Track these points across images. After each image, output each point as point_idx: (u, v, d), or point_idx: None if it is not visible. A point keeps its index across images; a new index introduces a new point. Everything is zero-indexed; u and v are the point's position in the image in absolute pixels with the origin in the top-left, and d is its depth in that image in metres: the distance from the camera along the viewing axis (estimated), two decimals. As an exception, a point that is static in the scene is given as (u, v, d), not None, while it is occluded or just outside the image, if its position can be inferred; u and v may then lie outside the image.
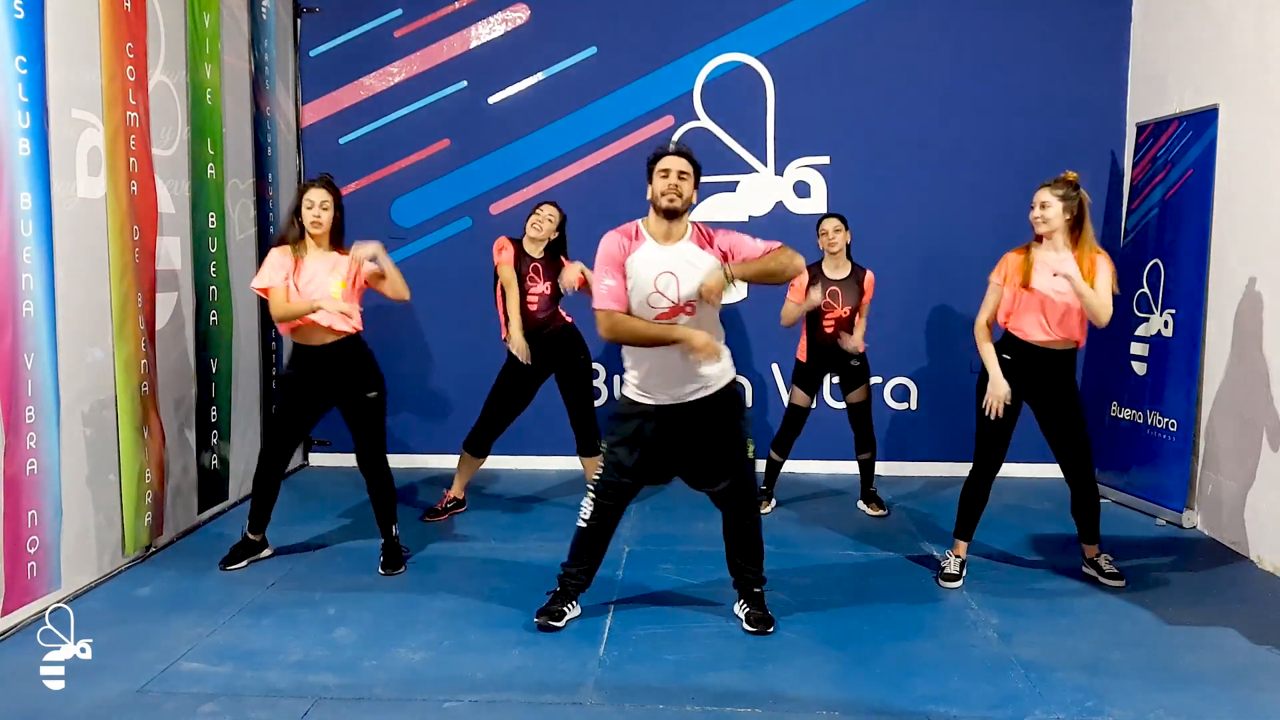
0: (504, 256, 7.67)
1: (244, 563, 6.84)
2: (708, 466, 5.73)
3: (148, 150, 6.89)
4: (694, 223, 5.62)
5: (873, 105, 9.22)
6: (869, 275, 7.84)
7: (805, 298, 7.67)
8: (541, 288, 7.68)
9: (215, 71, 7.86)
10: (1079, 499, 6.56)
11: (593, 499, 5.84)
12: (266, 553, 7.00)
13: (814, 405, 8.13)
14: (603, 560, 6.04)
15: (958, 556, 6.68)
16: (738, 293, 5.37)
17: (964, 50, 9.14)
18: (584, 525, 5.88)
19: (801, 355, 8.04)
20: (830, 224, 7.75)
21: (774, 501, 8.27)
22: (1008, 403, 6.34)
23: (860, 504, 8.26)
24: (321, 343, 6.56)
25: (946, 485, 8.91)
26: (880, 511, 8.13)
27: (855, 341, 7.75)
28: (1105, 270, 6.18)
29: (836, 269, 7.80)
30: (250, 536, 6.92)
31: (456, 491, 8.08)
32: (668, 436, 5.66)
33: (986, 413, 6.36)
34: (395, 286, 6.66)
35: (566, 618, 5.88)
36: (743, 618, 5.85)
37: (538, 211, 7.73)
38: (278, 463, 6.81)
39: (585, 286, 7.29)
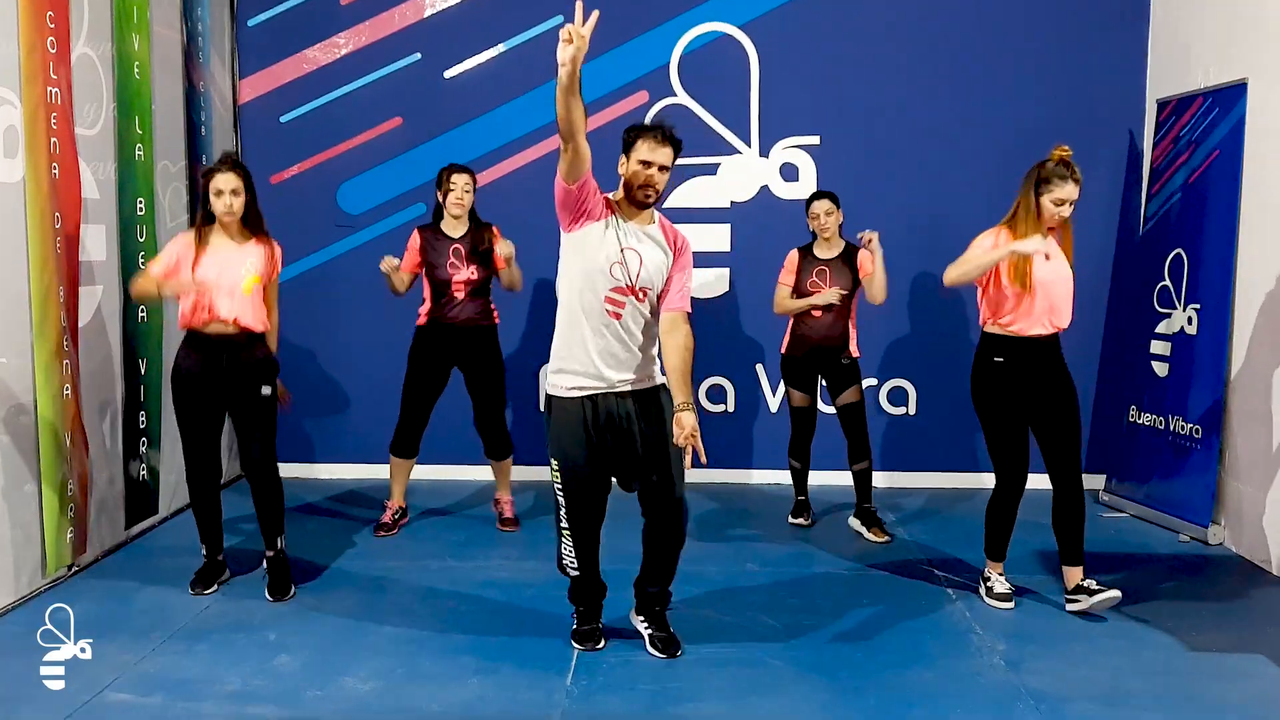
0: (407, 259, 7.90)
1: (214, 586, 6.80)
2: (639, 459, 5.64)
3: (70, 130, 6.89)
4: (659, 215, 5.70)
5: (867, 80, 9.26)
6: (863, 252, 7.82)
7: (822, 291, 7.78)
8: (466, 273, 7.76)
9: (144, 43, 7.86)
10: (1066, 504, 6.50)
11: (568, 535, 5.76)
12: (227, 575, 6.98)
13: (816, 403, 8.12)
14: (603, 584, 5.99)
15: (1000, 575, 6.66)
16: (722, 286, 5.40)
17: (967, 20, 9.19)
18: (575, 574, 5.84)
19: (784, 347, 8.09)
20: (822, 206, 7.80)
21: (812, 511, 8.31)
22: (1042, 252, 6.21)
23: (854, 522, 8.13)
24: (219, 333, 6.53)
25: (948, 496, 8.98)
26: (883, 538, 7.89)
27: (870, 250, 7.61)
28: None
29: (827, 249, 7.88)
30: (210, 558, 6.90)
31: (399, 500, 8.15)
32: (604, 422, 5.57)
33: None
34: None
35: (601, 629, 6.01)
36: (646, 640, 5.87)
37: (452, 183, 7.76)
38: (204, 474, 6.77)
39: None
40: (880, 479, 9.15)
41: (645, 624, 5.94)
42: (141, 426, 7.91)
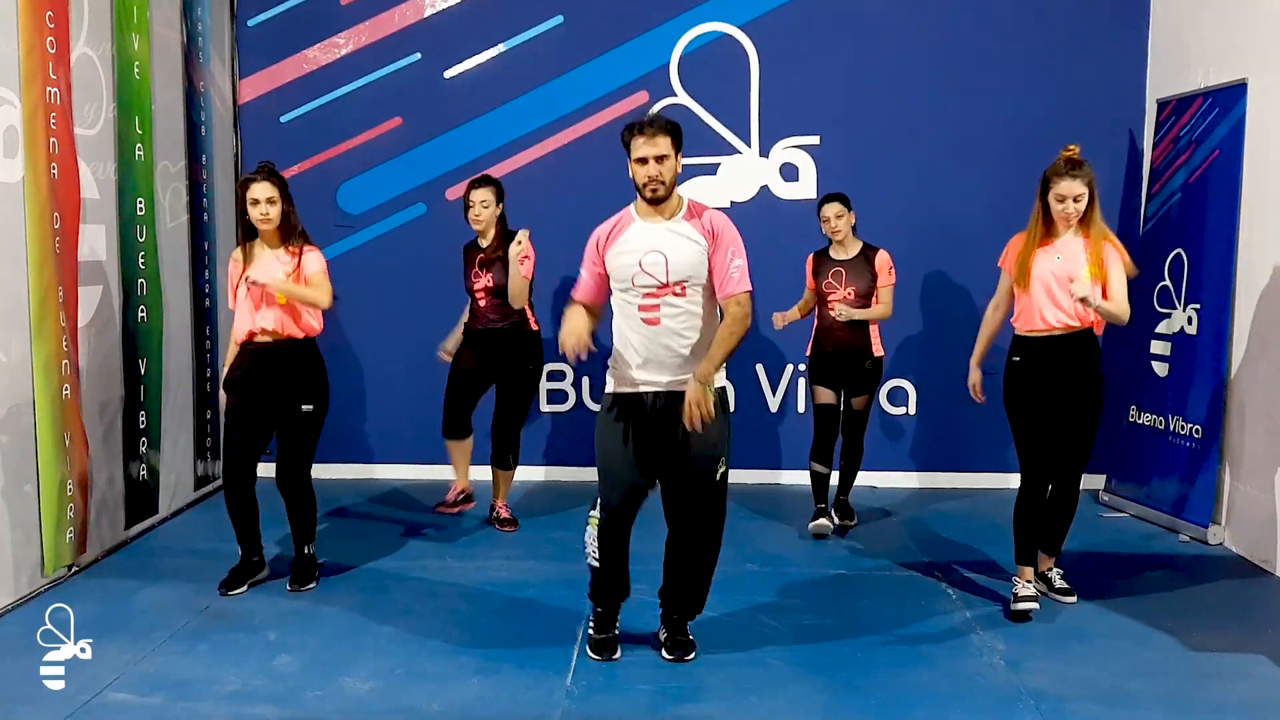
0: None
1: (243, 587, 6.79)
2: (679, 458, 5.60)
3: (70, 130, 6.88)
4: (689, 200, 5.66)
5: (867, 80, 9.25)
6: (880, 255, 7.83)
7: (837, 291, 7.81)
8: (485, 281, 7.80)
9: (144, 43, 7.86)
10: (1055, 502, 6.56)
11: (595, 530, 5.71)
12: (264, 574, 6.97)
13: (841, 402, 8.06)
14: (628, 585, 5.92)
15: (1027, 581, 6.53)
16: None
17: (967, 20, 9.17)
18: (595, 566, 5.78)
19: (809, 347, 8.08)
20: (832, 209, 7.78)
21: (833, 516, 8.10)
22: (981, 398, 6.75)
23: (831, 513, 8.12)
24: (264, 342, 6.61)
25: (948, 497, 8.97)
26: (849, 522, 8.15)
27: (846, 312, 7.65)
28: (1117, 261, 6.23)
29: (842, 251, 7.86)
30: (245, 558, 6.89)
31: (463, 484, 8.32)
32: (648, 422, 5.56)
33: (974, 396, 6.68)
34: (307, 300, 6.67)
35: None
36: (662, 643, 5.86)
37: (470, 199, 7.82)
38: (239, 474, 6.74)
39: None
40: (881, 479, 9.16)
41: (663, 631, 5.92)
42: (141, 426, 7.90)
